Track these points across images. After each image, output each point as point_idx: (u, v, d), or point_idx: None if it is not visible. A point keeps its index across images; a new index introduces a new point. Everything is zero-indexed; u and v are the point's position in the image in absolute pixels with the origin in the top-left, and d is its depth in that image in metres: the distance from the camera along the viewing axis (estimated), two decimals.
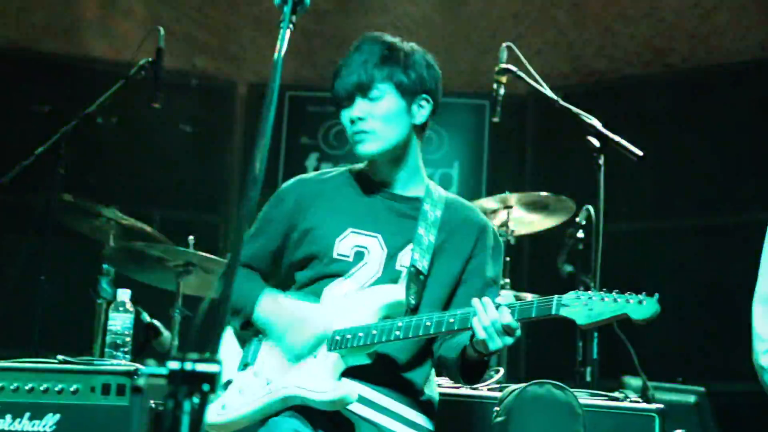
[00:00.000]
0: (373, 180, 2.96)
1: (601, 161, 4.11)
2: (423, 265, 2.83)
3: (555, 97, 4.30)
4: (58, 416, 3.28)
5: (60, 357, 3.49)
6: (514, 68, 4.42)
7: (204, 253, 4.46)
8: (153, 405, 3.33)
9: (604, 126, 4.14)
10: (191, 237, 4.59)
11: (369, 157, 2.90)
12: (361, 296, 2.79)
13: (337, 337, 2.72)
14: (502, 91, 4.41)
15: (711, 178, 6.58)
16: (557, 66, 7.03)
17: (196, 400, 1.27)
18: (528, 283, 6.24)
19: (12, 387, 3.29)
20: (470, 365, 2.77)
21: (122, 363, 3.65)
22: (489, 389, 3.43)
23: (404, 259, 2.85)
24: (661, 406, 3.38)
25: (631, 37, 7.01)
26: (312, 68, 7.06)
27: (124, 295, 3.99)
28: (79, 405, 3.28)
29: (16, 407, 3.29)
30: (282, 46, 2.07)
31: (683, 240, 6.58)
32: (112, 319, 3.90)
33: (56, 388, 3.30)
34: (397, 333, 2.66)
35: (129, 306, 3.93)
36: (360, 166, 3.03)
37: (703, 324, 6.40)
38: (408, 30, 7.13)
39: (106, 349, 3.91)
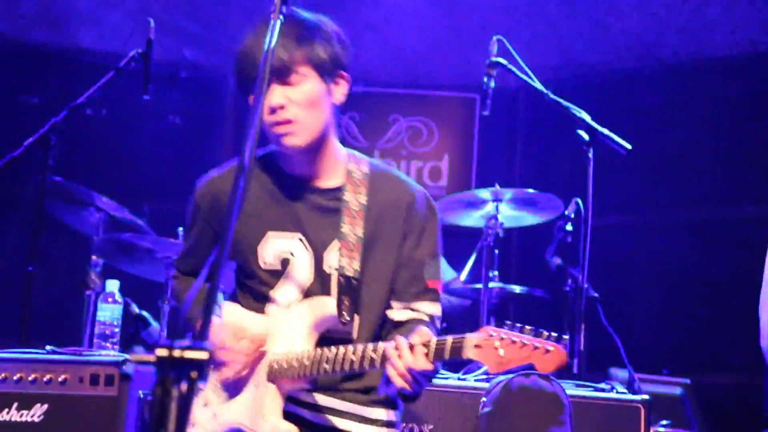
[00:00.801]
0: (286, 172, 2.66)
1: (591, 154, 4.13)
2: (353, 268, 2.59)
3: (545, 90, 4.32)
4: (46, 406, 3.28)
5: (48, 347, 3.49)
6: (504, 61, 4.42)
7: None
8: (142, 395, 3.33)
9: (594, 119, 4.16)
10: (180, 228, 4.59)
11: (296, 151, 2.58)
12: (294, 314, 2.58)
13: (275, 366, 2.52)
14: (492, 84, 4.41)
15: (700, 172, 6.61)
16: (548, 59, 7.03)
17: (184, 386, 1.28)
18: (517, 275, 6.26)
19: None
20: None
21: (111, 353, 3.66)
22: (476, 380, 3.45)
23: (332, 259, 2.60)
24: (647, 397, 3.40)
25: (622, 30, 7.02)
26: None
27: (113, 286, 3.99)
28: (68, 395, 3.28)
29: (3, 397, 3.29)
30: (272, 37, 2.07)
31: (671, 233, 6.62)
32: (100, 310, 3.91)
33: (44, 379, 3.30)
34: (326, 367, 2.45)
35: (118, 297, 3.94)
36: (268, 152, 2.70)
37: (689, 317, 6.43)
38: (399, 23, 7.14)
39: (95, 340, 3.91)
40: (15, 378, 3.31)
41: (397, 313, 2.63)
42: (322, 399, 2.58)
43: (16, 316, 4.29)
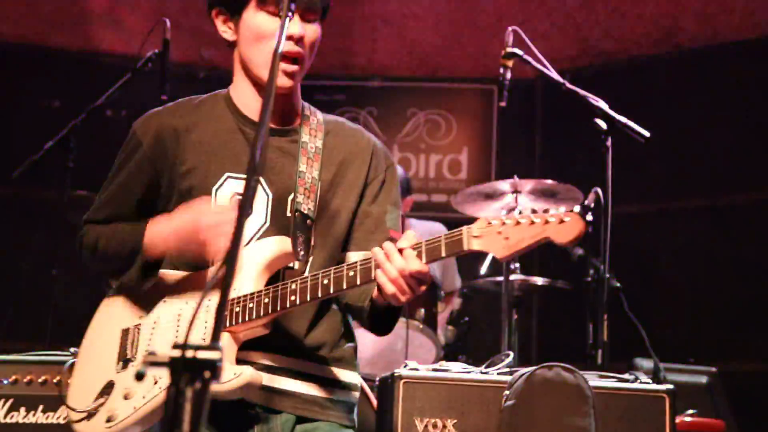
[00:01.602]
0: (242, 114, 2.54)
1: (609, 143, 4.11)
2: (308, 207, 2.47)
3: (561, 80, 4.29)
4: None
5: (73, 349, 3.51)
6: (520, 52, 4.40)
7: None
8: None
9: (612, 108, 4.13)
10: None
11: (283, 91, 2.47)
12: (244, 253, 2.39)
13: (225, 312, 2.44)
14: (509, 75, 4.39)
15: (721, 158, 6.56)
16: (565, 49, 7.01)
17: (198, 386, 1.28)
18: (539, 267, 6.24)
19: (25, 380, 3.32)
20: (381, 314, 2.44)
21: None
22: (499, 373, 3.44)
23: (288, 203, 2.49)
24: (671, 386, 3.37)
25: (639, 17, 6.98)
26: (319, 56, 7.04)
27: None
28: None
29: (29, 400, 3.32)
30: (282, 35, 2.07)
31: (693, 220, 6.58)
32: None
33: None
34: (293, 299, 2.28)
35: None
36: (223, 93, 2.61)
37: (714, 304, 6.39)
38: (415, 15, 7.13)
39: None
40: (40, 380, 3.33)
41: (356, 254, 2.52)
42: (275, 359, 2.44)
43: (40, 318, 4.33)
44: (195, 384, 1.28)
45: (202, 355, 1.31)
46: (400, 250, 2.21)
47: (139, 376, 1.37)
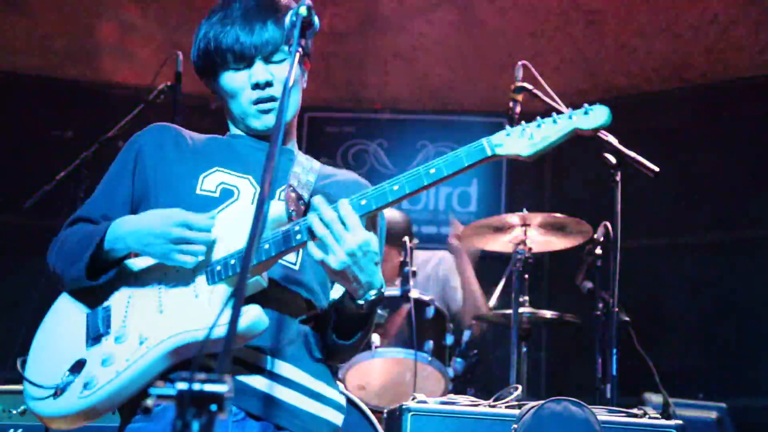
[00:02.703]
0: (242, 135, 2.61)
1: (618, 177, 4.12)
2: (303, 192, 2.48)
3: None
4: None
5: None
6: (529, 86, 4.43)
7: None
8: None
9: (621, 142, 4.15)
10: None
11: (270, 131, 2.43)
12: (231, 218, 2.35)
13: (218, 267, 2.27)
14: (518, 109, 4.42)
15: (729, 193, 6.56)
16: (575, 83, 7.03)
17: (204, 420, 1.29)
18: (548, 300, 6.23)
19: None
20: (345, 320, 2.38)
21: None
22: (507, 407, 3.43)
23: (282, 194, 2.48)
24: (680, 422, 3.37)
25: (649, 53, 7.01)
26: (331, 89, 7.10)
27: None
28: (100, 426, 3.30)
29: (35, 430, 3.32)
30: (292, 70, 2.09)
31: (702, 255, 6.56)
32: None
33: None
34: (266, 247, 2.22)
35: None
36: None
37: (723, 339, 6.36)
38: (425, 50, 7.17)
39: None
40: None
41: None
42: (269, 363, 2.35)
43: None
44: (201, 418, 1.28)
45: (210, 388, 1.31)
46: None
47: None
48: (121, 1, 6.85)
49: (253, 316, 2.20)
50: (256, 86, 2.48)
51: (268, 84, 2.47)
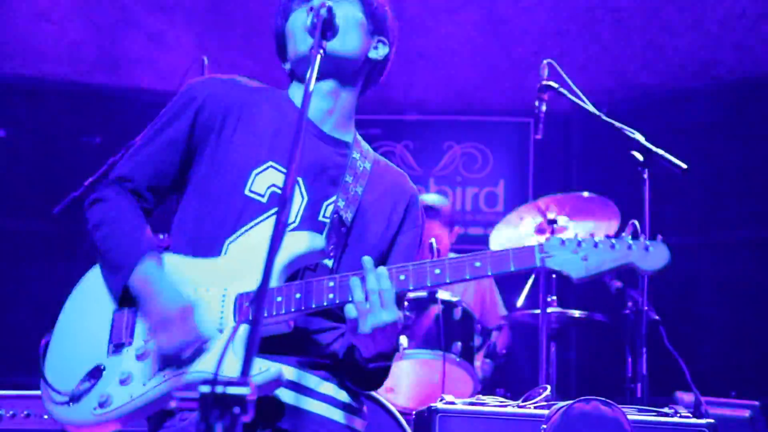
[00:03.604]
0: (297, 108, 2.47)
1: (646, 175, 4.09)
2: (347, 216, 2.40)
3: (597, 112, 4.29)
4: None
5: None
6: (555, 85, 4.41)
7: None
8: None
9: (650, 140, 4.12)
10: None
11: (334, 57, 2.40)
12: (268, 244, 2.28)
13: (246, 304, 2.20)
14: (544, 108, 4.40)
15: (760, 189, 6.49)
16: (602, 81, 6.99)
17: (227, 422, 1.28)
18: (576, 299, 6.20)
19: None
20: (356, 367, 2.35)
21: None
22: (536, 407, 3.42)
23: (324, 209, 2.40)
24: (712, 420, 3.33)
25: (676, 49, 6.96)
26: None
27: None
28: None
29: None
30: (313, 72, 2.09)
31: (733, 252, 6.50)
32: None
33: None
34: (331, 297, 2.17)
35: None
36: (285, 90, 2.57)
37: (756, 337, 6.30)
38: (450, 50, 7.16)
39: None
40: None
41: None
42: (292, 374, 2.30)
43: None
44: (224, 420, 1.28)
45: (233, 390, 1.31)
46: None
47: None
48: (147, 8, 6.89)
49: (273, 374, 2.16)
50: (311, 10, 2.38)
51: (323, 5, 2.32)
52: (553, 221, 4.87)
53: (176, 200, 2.49)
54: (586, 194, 4.89)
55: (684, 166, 4.02)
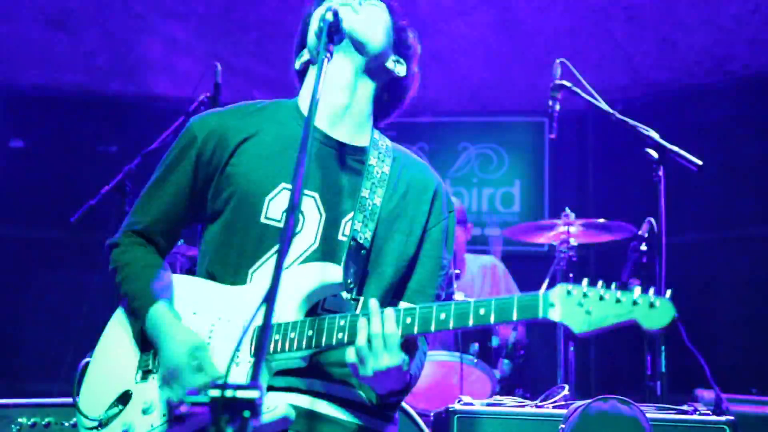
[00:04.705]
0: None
1: (661, 173, 4.07)
2: (365, 237, 2.34)
3: (611, 110, 4.27)
4: None
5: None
6: (568, 84, 4.40)
7: None
8: None
9: (666, 137, 4.10)
10: None
11: (356, 37, 2.38)
12: (286, 280, 2.21)
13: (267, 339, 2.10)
14: (558, 107, 4.38)
15: None
16: (616, 79, 6.97)
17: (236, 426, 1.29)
18: None
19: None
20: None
21: None
22: (555, 406, 3.41)
23: (343, 227, 2.35)
24: (732, 418, 3.32)
25: (690, 46, 6.93)
26: None
27: None
28: None
29: None
30: (320, 77, 2.06)
31: (751, 248, 6.47)
32: None
33: None
34: (340, 336, 2.15)
35: None
36: (288, 100, 2.51)
37: None
38: (464, 51, 7.16)
39: None
40: None
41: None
42: (315, 384, 2.30)
43: None
44: (235, 423, 1.29)
45: (242, 394, 1.32)
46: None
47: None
48: (161, 15, 6.92)
49: (283, 410, 2.16)
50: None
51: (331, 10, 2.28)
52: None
53: (201, 227, 2.48)
54: (601, 221, 4.87)
55: (699, 162, 4.00)
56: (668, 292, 1.99)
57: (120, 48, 7.03)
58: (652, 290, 1.96)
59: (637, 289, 1.96)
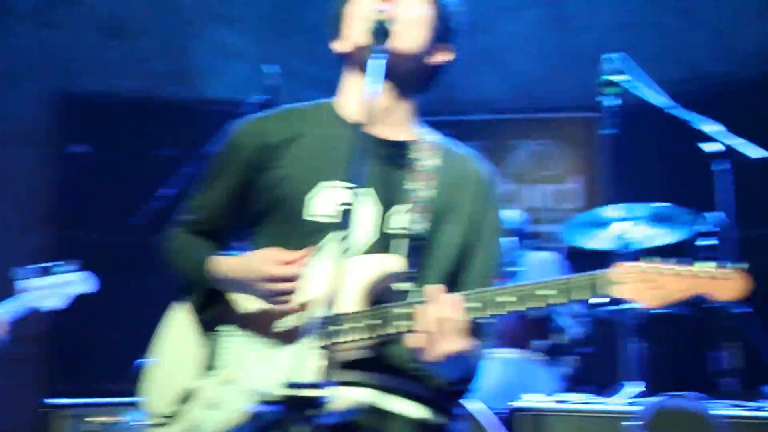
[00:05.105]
0: (346, 120, 2.43)
1: (722, 166, 4.02)
2: (421, 229, 2.34)
3: (666, 104, 4.23)
4: None
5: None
6: (620, 78, 4.35)
7: None
8: None
9: (725, 130, 4.04)
10: None
11: (402, 50, 2.35)
12: (347, 269, 2.13)
13: (330, 328, 2.04)
14: (611, 102, 4.35)
15: None
16: (671, 73, 6.88)
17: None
18: None
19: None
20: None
21: None
22: (623, 404, 3.38)
23: (399, 219, 2.35)
24: None
25: (746, 37, 6.83)
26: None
27: None
28: None
29: None
30: (372, 77, 2.07)
31: None
32: None
33: None
34: (374, 323, 2.15)
35: None
36: (327, 101, 2.52)
37: None
38: (514, 48, 7.12)
39: None
40: None
41: None
42: (383, 378, 2.28)
43: None
44: (303, 422, 1.27)
45: (310, 392, 1.29)
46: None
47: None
48: (213, 19, 6.99)
49: (354, 400, 2.17)
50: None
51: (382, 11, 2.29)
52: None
53: (246, 231, 2.51)
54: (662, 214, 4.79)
55: (764, 153, 3.93)
56: (743, 265, 1.94)
57: (174, 53, 7.10)
58: (727, 263, 1.93)
59: (710, 263, 1.92)
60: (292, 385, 1.32)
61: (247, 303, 2.36)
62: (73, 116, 6.81)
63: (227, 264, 2.36)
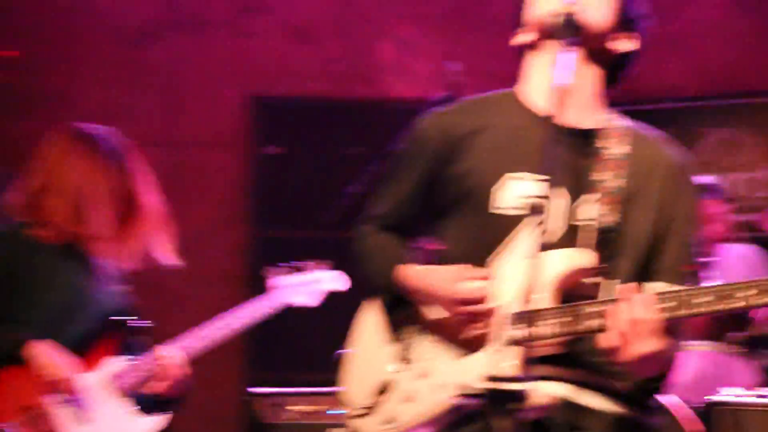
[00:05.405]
0: (530, 109, 2.39)
1: None
2: (611, 220, 2.27)
3: None
4: None
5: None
6: None
7: None
8: None
9: None
10: None
11: (591, 26, 2.32)
12: (538, 264, 2.08)
13: (524, 325, 2.10)
14: None
15: None
16: None
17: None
18: None
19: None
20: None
21: None
22: None
23: (588, 210, 2.29)
24: None
25: None
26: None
27: None
28: None
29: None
30: (561, 71, 2.08)
31: None
32: None
33: None
34: (567, 320, 2.11)
35: None
36: (509, 90, 2.48)
37: None
38: (702, 34, 6.91)
39: None
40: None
41: (658, 286, 2.25)
42: (578, 374, 2.27)
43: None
44: (505, 415, 1.31)
45: (514, 386, 1.33)
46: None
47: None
48: (397, 19, 7.13)
49: (537, 403, 2.09)
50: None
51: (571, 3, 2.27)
52: None
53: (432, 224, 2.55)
54: None
55: None
56: None
57: (358, 54, 7.29)
58: None
59: None
60: (494, 379, 1.36)
61: (434, 312, 2.39)
62: (266, 119, 7.11)
63: (415, 277, 2.39)
